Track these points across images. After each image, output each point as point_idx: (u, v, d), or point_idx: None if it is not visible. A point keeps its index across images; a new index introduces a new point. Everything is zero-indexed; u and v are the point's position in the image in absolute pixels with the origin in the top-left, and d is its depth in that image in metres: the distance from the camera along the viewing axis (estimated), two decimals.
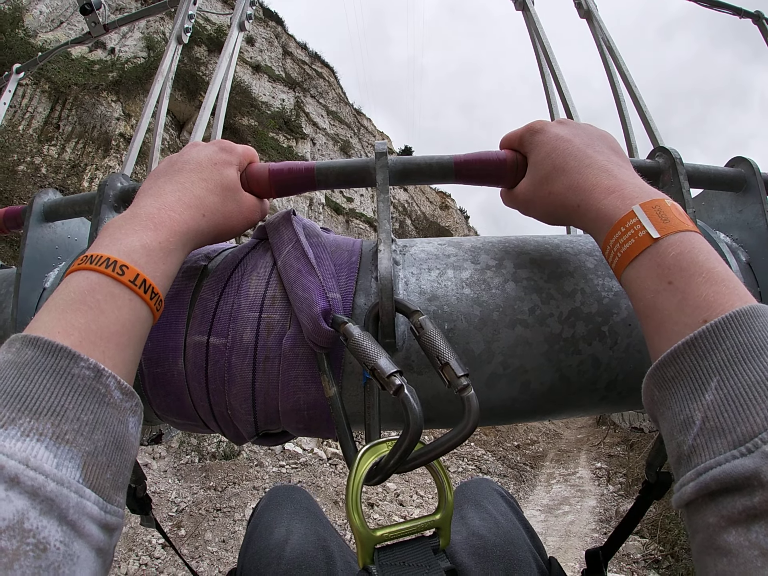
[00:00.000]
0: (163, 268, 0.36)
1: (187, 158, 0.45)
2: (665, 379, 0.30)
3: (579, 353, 0.46)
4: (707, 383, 0.27)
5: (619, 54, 1.01)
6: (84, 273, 0.32)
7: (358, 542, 0.36)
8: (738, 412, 0.25)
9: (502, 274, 0.47)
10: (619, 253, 0.35)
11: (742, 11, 1.70)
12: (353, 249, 0.49)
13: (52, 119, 9.77)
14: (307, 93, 22.25)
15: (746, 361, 0.26)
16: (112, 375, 0.29)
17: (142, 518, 0.57)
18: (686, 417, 0.28)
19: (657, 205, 0.34)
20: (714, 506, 0.25)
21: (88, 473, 0.26)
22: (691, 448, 0.27)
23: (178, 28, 1.05)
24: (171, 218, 0.38)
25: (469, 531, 0.72)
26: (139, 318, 0.33)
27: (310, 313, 0.41)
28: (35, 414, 0.25)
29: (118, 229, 0.36)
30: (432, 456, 0.36)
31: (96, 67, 11.15)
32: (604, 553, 0.75)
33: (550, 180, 0.42)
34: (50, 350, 0.27)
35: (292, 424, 0.47)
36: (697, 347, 0.28)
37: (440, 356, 0.36)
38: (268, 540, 0.68)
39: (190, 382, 0.46)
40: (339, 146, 22.86)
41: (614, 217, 0.35)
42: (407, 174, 0.48)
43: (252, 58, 19.76)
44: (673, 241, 0.32)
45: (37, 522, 0.22)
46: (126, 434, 0.29)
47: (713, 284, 0.30)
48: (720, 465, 0.25)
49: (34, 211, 0.60)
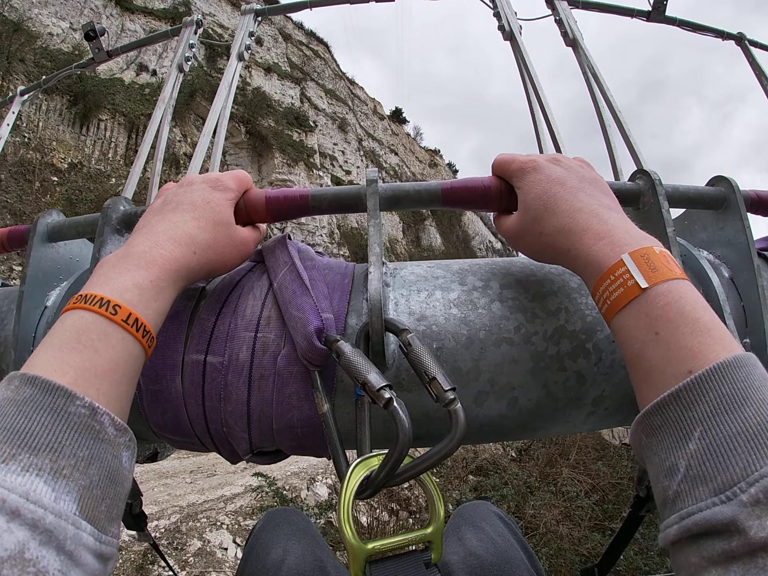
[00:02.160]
0: (154, 306, 0.37)
1: (181, 198, 0.46)
2: (652, 427, 0.32)
3: (564, 370, 0.47)
4: (691, 433, 0.29)
5: (603, 80, 1.05)
6: (79, 312, 0.34)
7: (350, 555, 0.36)
8: (719, 461, 0.27)
9: (488, 294, 0.49)
10: (609, 300, 0.36)
11: (724, 34, 1.76)
12: (346, 272, 0.51)
13: (131, 145, 12.95)
14: (308, 77, 24.30)
15: (728, 413, 0.28)
16: (106, 413, 0.30)
17: (138, 534, 0.57)
18: (671, 464, 0.30)
19: (646, 254, 0.35)
20: (696, 548, 0.27)
21: (84, 506, 0.27)
22: (676, 494, 0.29)
23: (179, 57, 1.09)
24: (162, 256, 0.39)
25: (466, 551, 0.72)
26: (131, 356, 0.34)
27: (304, 332, 0.43)
28: (34, 450, 0.27)
29: (111, 267, 0.37)
30: (421, 469, 0.37)
31: (146, 91, 13.22)
32: (599, 570, 0.75)
33: (540, 221, 0.43)
34: (47, 389, 0.29)
35: (286, 441, 0.48)
36: (682, 398, 0.30)
37: (427, 371, 0.38)
38: (264, 560, 0.68)
39: (186, 400, 0.47)
40: (337, 124, 25.27)
41: (604, 264, 0.37)
42: (397, 200, 0.50)
43: (262, 58, 21.48)
44: (661, 291, 0.34)
45: (36, 552, 0.24)
46: (120, 468, 0.31)
47: (698, 335, 0.31)
48: (701, 511, 0.27)
49: (38, 232, 0.61)
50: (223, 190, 0.47)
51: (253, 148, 21.06)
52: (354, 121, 28.11)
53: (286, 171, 21.70)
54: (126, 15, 19.24)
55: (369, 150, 30.75)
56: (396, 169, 30.64)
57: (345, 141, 27.37)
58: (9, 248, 0.69)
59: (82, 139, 14.59)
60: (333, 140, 26.30)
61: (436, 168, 35.60)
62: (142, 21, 19.47)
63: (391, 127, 35.06)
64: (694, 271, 0.54)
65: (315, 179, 22.16)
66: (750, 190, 0.63)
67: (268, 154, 21.32)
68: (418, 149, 34.69)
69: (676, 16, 1.62)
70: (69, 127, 14.28)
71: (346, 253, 19.02)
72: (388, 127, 34.20)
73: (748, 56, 1.74)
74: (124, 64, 16.45)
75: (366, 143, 30.73)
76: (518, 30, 1.12)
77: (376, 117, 33.84)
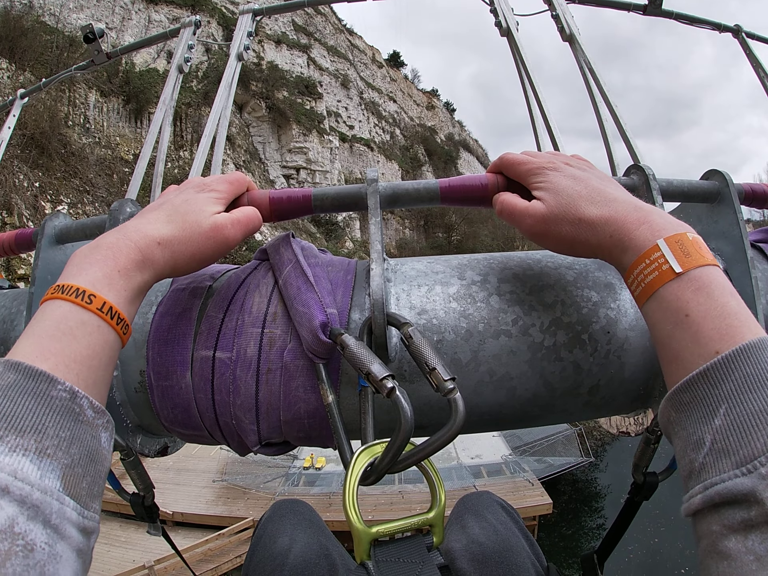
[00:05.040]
0: (125, 294, 0.39)
1: (166, 199, 0.48)
2: (681, 403, 0.34)
3: (561, 360, 0.49)
4: (717, 409, 0.31)
5: (599, 75, 1.05)
6: (57, 302, 0.35)
7: (356, 538, 0.38)
8: (742, 436, 0.29)
9: (487, 288, 0.51)
10: (643, 283, 0.38)
11: (721, 26, 1.76)
12: (348, 268, 0.53)
13: (177, 132, 15.96)
14: (312, 37, 25.88)
15: (752, 391, 0.30)
16: (85, 396, 0.32)
17: (150, 525, 0.59)
18: (698, 438, 0.32)
19: (680, 239, 0.37)
20: (717, 516, 0.29)
21: (67, 483, 0.29)
22: (701, 465, 0.31)
23: (179, 58, 1.10)
24: (127, 246, 0.40)
25: (468, 539, 0.74)
26: (107, 342, 0.36)
27: (310, 326, 0.44)
28: (20, 432, 0.28)
29: (84, 258, 0.39)
30: (422, 455, 0.39)
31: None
32: (598, 556, 0.77)
33: (578, 207, 0.43)
34: (30, 374, 0.31)
35: (293, 432, 0.50)
36: (709, 377, 0.32)
37: (428, 362, 0.40)
38: (271, 549, 0.70)
39: (196, 394, 0.49)
40: (340, 81, 27.27)
41: (642, 248, 0.38)
42: (396, 198, 0.52)
43: (271, 29, 22.92)
44: (694, 276, 0.35)
45: (25, 526, 0.26)
46: (99, 448, 0.33)
47: (726, 318, 0.33)
48: (724, 482, 0.29)
49: (46, 234, 0.63)
50: (209, 191, 0.49)
51: (273, 120, 22.66)
52: (355, 75, 29.87)
53: (302, 140, 23.67)
54: (151, 7, 20.30)
55: (369, 101, 31.67)
56: (394, 117, 31.77)
57: (347, 97, 28.63)
58: (17, 251, 0.70)
59: (138, 132, 17.49)
60: (337, 98, 27.75)
61: (434, 110, 36.33)
62: (165, 11, 20.43)
63: (390, 73, 35.56)
64: None
65: (326, 144, 24.12)
66: (744, 184, 0.64)
67: (286, 126, 23.36)
68: (415, 92, 35.31)
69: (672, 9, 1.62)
70: (127, 122, 17.27)
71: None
72: (386, 74, 34.73)
73: (745, 48, 1.74)
74: (155, 53, 17.87)
75: (366, 95, 31.62)
76: (515, 26, 1.13)
77: (375, 65, 34.49)
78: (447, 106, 37.93)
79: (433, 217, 34.57)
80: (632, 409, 0.59)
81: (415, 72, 41.42)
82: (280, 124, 23.17)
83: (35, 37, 15.40)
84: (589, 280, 0.52)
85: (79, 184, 14.02)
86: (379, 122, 33.28)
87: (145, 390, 0.51)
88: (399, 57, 39.12)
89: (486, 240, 32.41)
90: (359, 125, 27.88)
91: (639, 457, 0.64)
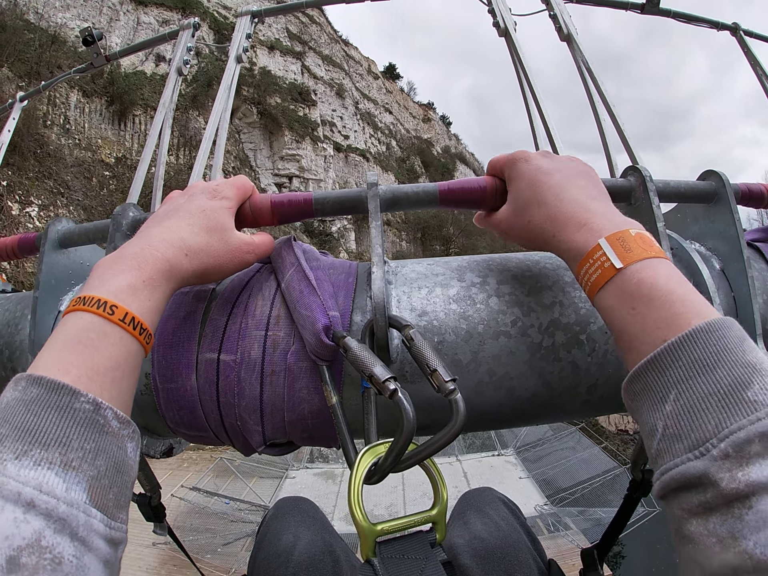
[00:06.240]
0: (149, 305, 0.38)
1: (179, 206, 0.48)
2: (635, 393, 0.35)
3: (559, 360, 0.50)
4: (667, 395, 0.32)
5: (597, 75, 1.06)
6: (78, 314, 0.35)
7: (361, 536, 0.39)
8: (692, 420, 0.30)
9: (486, 290, 0.51)
10: (589, 282, 0.39)
11: (719, 24, 1.76)
12: (350, 271, 0.54)
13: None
14: (306, 45, 25.69)
15: (701, 375, 0.30)
16: (109, 407, 0.32)
17: (156, 525, 0.60)
18: (652, 425, 0.32)
19: (621, 237, 0.38)
20: (677, 501, 0.30)
21: (93, 495, 0.29)
22: (657, 452, 0.32)
23: (178, 61, 1.11)
24: (153, 256, 0.40)
25: (471, 535, 0.75)
26: (130, 353, 0.36)
27: (313, 330, 0.45)
28: (44, 445, 0.28)
29: (107, 269, 0.39)
30: (424, 455, 0.40)
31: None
32: (598, 552, 0.78)
33: (529, 210, 0.46)
34: (53, 388, 0.30)
35: (297, 433, 0.51)
36: (657, 364, 0.33)
37: (429, 364, 0.41)
38: (276, 546, 0.71)
39: (201, 396, 0.49)
40: (335, 91, 27.01)
41: (584, 249, 0.39)
42: (396, 201, 0.52)
43: (265, 35, 22.61)
44: (635, 270, 0.36)
45: (52, 539, 0.26)
46: (125, 458, 0.33)
47: (672, 306, 0.34)
48: (677, 466, 0.29)
49: (50, 239, 0.63)
50: (220, 198, 0.49)
51: (265, 126, 22.21)
52: (350, 85, 29.54)
53: (294, 147, 23.10)
54: (140, 9, 20.13)
55: (365, 112, 31.52)
56: (390, 128, 31.65)
57: (342, 106, 28.38)
58: (20, 255, 0.71)
59: (122, 135, 16.97)
60: (332, 107, 27.39)
61: (430, 123, 36.32)
62: (155, 13, 20.36)
63: (386, 85, 35.51)
64: (684, 263, 0.56)
65: (320, 151, 23.61)
66: (741, 184, 0.64)
67: (279, 132, 22.78)
68: (411, 105, 35.30)
69: (670, 8, 1.62)
70: (110, 125, 16.76)
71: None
72: (382, 86, 34.66)
73: (743, 46, 1.74)
74: (143, 56, 17.79)
75: (362, 105, 31.45)
76: (513, 26, 1.13)
77: (371, 77, 34.43)
78: (443, 119, 38.04)
79: (431, 229, 34.26)
80: None
81: (411, 84, 41.51)
82: (272, 131, 22.54)
83: (15, 34, 14.92)
84: None
85: (53, 185, 13.58)
86: (375, 133, 32.97)
87: (150, 392, 0.52)
88: (395, 69, 39.26)
89: (484, 252, 32.44)
90: (354, 135, 27.54)
91: (637, 454, 0.65)
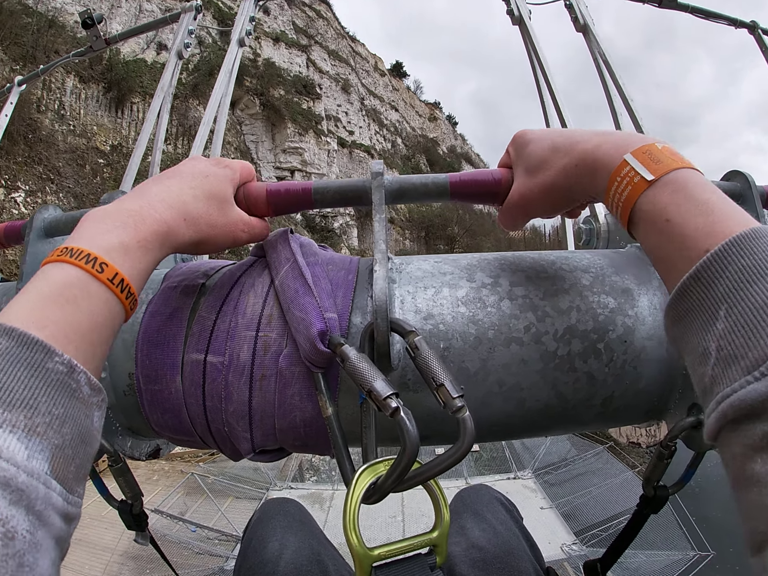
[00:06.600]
0: (139, 267, 0.36)
1: (182, 169, 0.45)
2: (680, 314, 0.30)
3: (575, 371, 0.46)
4: (717, 312, 0.27)
5: (613, 66, 1.02)
6: (62, 265, 0.32)
7: (356, 562, 0.36)
8: (748, 337, 0.25)
9: (498, 292, 0.47)
10: (620, 202, 0.35)
11: (737, 21, 1.72)
12: (350, 267, 0.50)
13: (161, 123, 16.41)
14: (313, 39, 25.66)
15: (751, 284, 0.26)
16: (83, 371, 0.29)
17: (138, 535, 0.57)
18: (703, 349, 0.28)
19: (648, 150, 0.35)
20: (736, 436, 0.25)
21: (55, 466, 0.26)
22: (711, 379, 0.27)
23: (178, 44, 1.07)
24: (152, 217, 0.38)
25: (468, 542, 0.72)
26: (112, 316, 0.33)
27: (307, 334, 0.41)
28: (9, 405, 0.25)
29: (99, 222, 0.36)
30: (428, 476, 0.36)
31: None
32: (602, 565, 0.75)
33: (545, 162, 0.43)
34: (25, 342, 0.27)
35: (289, 441, 0.47)
36: (701, 278, 0.29)
37: (435, 377, 0.37)
38: (262, 555, 0.68)
39: (187, 400, 0.46)
40: (340, 86, 26.92)
41: (610, 167, 0.36)
42: (403, 193, 0.48)
43: (270, 27, 22.56)
44: (668, 180, 0.33)
45: (7, 512, 0.23)
46: (91, 428, 0.30)
47: (710, 214, 0.30)
48: (735, 392, 0.25)
49: (35, 227, 0.60)
50: (224, 167, 0.47)
51: (267, 118, 22.09)
52: (356, 81, 29.62)
53: (297, 139, 22.96)
54: None
55: (371, 108, 31.48)
56: (396, 126, 31.78)
57: (348, 102, 28.37)
58: (6, 244, 0.68)
59: (118, 122, 16.63)
60: (337, 102, 27.41)
61: (436, 122, 36.44)
62: (157, 1, 20.16)
63: (392, 82, 35.50)
64: None
65: (323, 146, 23.47)
66: (766, 185, 0.61)
67: (281, 124, 22.69)
68: (418, 103, 35.40)
69: (688, 2, 1.58)
70: (106, 111, 16.40)
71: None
72: (388, 83, 34.65)
73: (761, 45, 1.69)
74: (144, 44, 17.71)
75: (368, 101, 31.44)
76: (528, 15, 1.09)
77: (377, 73, 34.41)
78: (449, 119, 38.03)
79: (435, 229, 34.00)
80: (646, 420, 0.56)
81: (417, 83, 41.56)
82: (274, 123, 22.20)
83: (12, 17, 14.72)
84: (606, 285, 0.49)
85: (42, 171, 13.23)
86: (380, 130, 32.80)
87: (134, 393, 0.49)
88: (402, 67, 39.22)
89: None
90: (359, 131, 27.52)
91: (651, 471, 0.61)
